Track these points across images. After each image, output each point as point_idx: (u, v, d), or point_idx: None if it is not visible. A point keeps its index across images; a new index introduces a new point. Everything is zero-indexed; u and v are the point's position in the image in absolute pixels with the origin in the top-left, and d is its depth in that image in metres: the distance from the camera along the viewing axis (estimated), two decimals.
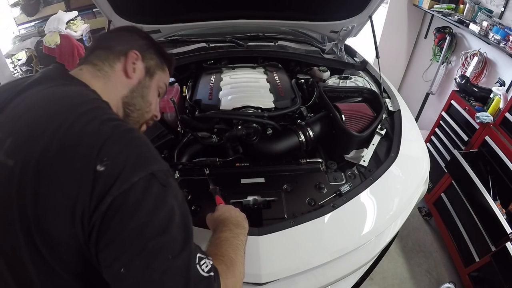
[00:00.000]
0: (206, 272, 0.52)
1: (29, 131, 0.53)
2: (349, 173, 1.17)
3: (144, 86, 0.77)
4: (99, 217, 0.49)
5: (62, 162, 0.50)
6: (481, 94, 2.12)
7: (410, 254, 2.16)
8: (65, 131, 0.52)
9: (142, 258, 0.48)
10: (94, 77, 0.69)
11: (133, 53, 0.74)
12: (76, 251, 0.52)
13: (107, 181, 0.49)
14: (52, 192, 0.50)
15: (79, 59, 0.82)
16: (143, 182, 0.51)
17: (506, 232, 1.55)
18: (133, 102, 0.75)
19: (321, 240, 0.97)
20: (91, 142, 0.51)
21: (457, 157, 1.93)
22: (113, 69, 0.72)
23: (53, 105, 0.57)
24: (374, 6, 1.56)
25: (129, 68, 0.73)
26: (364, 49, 2.13)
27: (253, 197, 1.06)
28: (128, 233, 0.49)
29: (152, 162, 0.54)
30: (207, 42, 2.01)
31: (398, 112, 1.44)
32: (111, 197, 0.48)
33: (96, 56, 0.73)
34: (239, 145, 1.29)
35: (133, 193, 0.50)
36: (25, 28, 4.53)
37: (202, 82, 1.59)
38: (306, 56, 1.85)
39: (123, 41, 0.77)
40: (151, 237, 0.50)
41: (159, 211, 0.51)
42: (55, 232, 0.50)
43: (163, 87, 0.85)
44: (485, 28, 2.23)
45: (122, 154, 0.51)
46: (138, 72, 0.75)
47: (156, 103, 0.83)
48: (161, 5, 1.50)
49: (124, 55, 0.74)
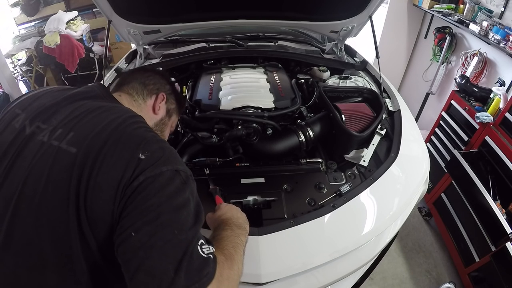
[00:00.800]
0: (206, 254, 0.59)
1: (91, 128, 0.67)
2: (349, 173, 1.17)
3: (164, 123, 0.95)
4: (130, 191, 0.60)
5: (116, 151, 0.64)
6: (481, 94, 2.12)
7: (410, 254, 2.16)
8: (121, 131, 0.67)
9: (152, 226, 0.57)
10: (131, 106, 0.85)
11: (162, 94, 0.92)
12: (108, 230, 0.61)
13: (144, 166, 0.62)
14: (103, 173, 0.61)
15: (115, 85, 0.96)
16: (170, 173, 0.63)
17: (506, 232, 1.55)
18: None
19: (321, 240, 0.97)
20: (138, 140, 0.66)
21: (457, 157, 1.93)
22: (145, 103, 0.89)
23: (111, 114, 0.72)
24: (374, 6, 1.56)
25: (157, 106, 0.91)
26: (364, 49, 2.13)
27: (253, 197, 1.06)
28: (147, 207, 0.58)
29: (179, 164, 0.67)
30: (207, 42, 2.01)
31: (398, 112, 1.44)
32: (144, 176, 0.61)
33: (132, 88, 0.89)
34: (239, 145, 1.29)
35: (161, 178, 0.62)
36: (25, 28, 4.53)
37: (202, 82, 1.59)
38: (306, 56, 1.85)
39: (156, 82, 0.94)
40: (165, 212, 0.59)
41: (177, 197, 0.62)
42: (97, 208, 0.60)
43: (173, 128, 1.03)
44: (485, 28, 2.23)
45: (158, 152, 0.65)
46: (162, 111, 0.93)
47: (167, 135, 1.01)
48: (161, 5, 1.50)
49: (155, 94, 0.91)
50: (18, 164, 0.64)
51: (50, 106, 0.72)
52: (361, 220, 1.04)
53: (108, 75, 1.72)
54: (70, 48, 3.89)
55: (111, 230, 0.60)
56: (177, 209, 0.60)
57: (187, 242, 0.57)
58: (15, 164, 0.65)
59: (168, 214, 0.59)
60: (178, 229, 0.58)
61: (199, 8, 1.55)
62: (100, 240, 0.61)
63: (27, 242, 0.61)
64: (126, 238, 0.57)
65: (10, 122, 0.70)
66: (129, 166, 0.61)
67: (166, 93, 0.94)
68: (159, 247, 0.55)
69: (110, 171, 0.61)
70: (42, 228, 0.60)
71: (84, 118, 0.70)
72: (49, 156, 0.64)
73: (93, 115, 0.71)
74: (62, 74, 4.33)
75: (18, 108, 0.74)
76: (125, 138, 0.66)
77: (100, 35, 4.73)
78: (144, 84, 0.91)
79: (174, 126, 1.03)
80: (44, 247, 0.60)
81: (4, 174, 0.64)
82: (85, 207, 0.60)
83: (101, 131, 0.66)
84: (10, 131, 0.69)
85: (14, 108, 0.74)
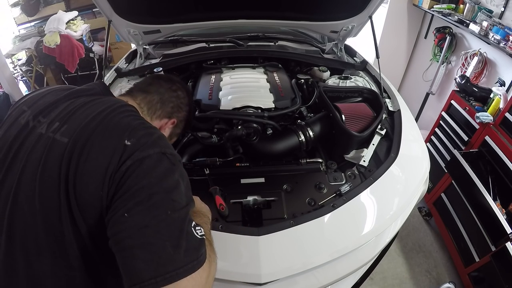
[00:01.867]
0: (199, 236, 0.61)
1: (82, 119, 0.70)
2: (349, 173, 1.17)
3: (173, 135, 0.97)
4: (119, 176, 0.61)
5: (102, 139, 0.66)
6: (481, 94, 2.12)
7: (410, 254, 2.16)
8: (109, 120, 0.70)
9: (145, 206, 0.58)
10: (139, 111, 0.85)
11: (174, 120, 0.93)
12: (98, 215, 0.62)
13: (131, 151, 0.63)
14: (91, 159, 0.63)
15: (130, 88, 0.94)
16: (157, 156, 0.65)
17: (506, 232, 1.55)
18: None
19: (321, 240, 0.97)
20: (124, 128, 0.68)
21: (457, 157, 1.93)
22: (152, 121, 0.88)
23: (101, 105, 0.74)
24: (374, 6, 1.56)
25: (165, 129, 0.92)
26: (364, 49, 2.13)
27: (253, 197, 1.06)
28: (138, 188, 0.60)
29: (167, 147, 0.68)
30: (207, 42, 2.01)
31: (398, 112, 1.44)
32: (131, 161, 0.62)
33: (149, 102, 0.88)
34: (239, 145, 1.29)
35: (148, 160, 0.63)
36: (25, 28, 4.53)
37: (202, 82, 1.59)
38: (306, 56, 1.85)
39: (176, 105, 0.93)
40: (157, 193, 0.60)
41: (167, 178, 0.63)
42: (87, 194, 0.62)
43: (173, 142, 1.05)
44: (485, 28, 2.23)
45: (145, 137, 0.67)
46: (166, 133, 0.93)
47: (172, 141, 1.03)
48: (161, 5, 1.50)
49: (169, 118, 0.92)
50: (19, 156, 0.68)
51: (52, 102, 0.76)
52: (361, 220, 1.04)
53: (108, 75, 1.72)
54: (70, 48, 3.89)
55: (101, 216, 0.62)
56: (168, 190, 0.61)
57: (180, 220, 0.59)
58: (17, 155, 0.68)
59: (159, 194, 0.60)
60: (171, 209, 0.59)
61: (199, 8, 1.55)
62: (91, 226, 0.63)
63: (24, 227, 0.63)
64: (118, 219, 0.58)
65: (17, 118, 0.74)
66: (115, 153, 0.63)
67: (179, 119, 0.94)
68: (154, 226, 0.56)
69: (97, 158, 0.63)
70: (37, 214, 0.63)
71: (77, 111, 0.73)
72: (45, 146, 0.67)
73: (86, 107, 0.74)
74: (62, 74, 4.32)
75: (25, 105, 0.78)
76: (112, 126, 0.69)
77: (100, 35, 4.73)
78: (164, 102, 0.90)
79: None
80: (39, 232, 0.62)
81: (7, 165, 0.68)
82: (74, 193, 0.62)
83: (90, 120, 0.69)
84: (16, 126, 0.73)
85: (22, 105, 0.78)
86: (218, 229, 0.92)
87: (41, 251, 0.63)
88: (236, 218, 1.01)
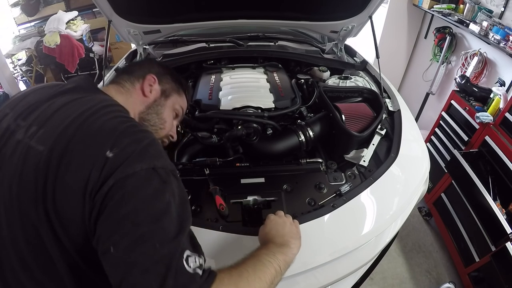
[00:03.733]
0: (192, 269, 0.53)
1: (59, 124, 0.62)
2: (349, 173, 1.17)
3: (159, 105, 0.89)
4: (100, 197, 0.54)
5: (82, 148, 0.58)
6: (481, 94, 2.12)
7: (410, 254, 2.16)
8: (89, 124, 0.61)
9: (131, 240, 0.52)
10: (118, 93, 0.82)
11: (150, 76, 0.88)
12: (83, 233, 0.57)
13: (113, 166, 0.55)
14: (70, 172, 0.56)
15: None
16: (145, 173, 0.56)
17: (506, 232, 1.55)
18: (148, 118, 0.86)
19: (321, 240, 0.97)
20: (108, 135, 0.60)
21: (457, 157, 1.93)
22: (134, 87, 0.85)
23: (83, 105, 0.66)
24: (374, 6, 1.56)
25: (146, 88, 0.86)
26: (364, 49, 2.13)
27: (253, 197, 1.06)
28: (122, 215, 0.53)
29: (157, 159, 0.59)
30: (207, 42, 2.01)
31: (398, 112, 1.44)
32: (113, 180, 0.54)
33: (121, 78, 0.87)
34: (239, 145, 1.28)
35: (134, 180, 0.55)
36: (25, 28, 4.53)
37: (202, 82, 1.59)
38: (306, 56, 1.85)
39: (144, 67, 0.91)
40: (143, 223, 0.53)
41: (155, 202, 0.55)
42: (68, 210, 0.56)
43: (179, 110, 0.96)
44: (485, 28, 2.23)
45: (130, 147, 0.58)
46: (154, 92, 0.88)
47: (172, 123, 0.94)
48: (161, 5, 1.50)
49: (142, 77, 0.87)
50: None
51: (33, 103, 0.70)
52: (361, 220, 1.04)
53: (108, 75, 1.72)
54: (70, 48, 3.89)
55: (86, 234, 0.57)
56: (157, 218, 0.54)
57: (169, 256, 0.52)
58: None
59: (147, 225, 0.53)
60: (159, 242, 0.52)
61: (199, 8, 1.55)
62: (78, 242, 0.57)
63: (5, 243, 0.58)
64: (105, 252, 0.53)
65: None
66: (95, 167, 0.55)
67: (156, 74, 0.89)
68: (141, 264, 0.51)
69: (76, 171, 0.56)
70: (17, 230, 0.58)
71: (55, 113, 0.66)
72: (21, 155, 0.60)
73: (65, 108, 0.66)
74: (62, 74, 4.33)
75: (8, 107, 0.72)
76: (94, 131, 0.60)
77: (100, 35, 4.73)
78: (132, 71, 0.89)
79: (180, 109, 0.97)
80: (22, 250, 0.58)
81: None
82: (54, 208, 0.56)
83: (69, 125, 0.61)
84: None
85: (5, 108, 0.72)
86: (218, 229, 0.92)
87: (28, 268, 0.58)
88: (236, 218, 1.01)
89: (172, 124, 0.95)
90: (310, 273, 0.95)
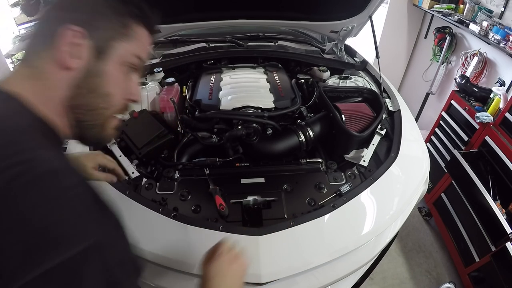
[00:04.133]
0: None
1: None
2: (349, 173, 1.17)
3: (94, 75, 0.52)
4: None
5: None
6: (481, 94, 2.12)
7: (410, 254, 2.16)
8: None
9: None
10: (25, 79, 0.49)
11: (67, 30, 0.48)
12: None
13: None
14: None
15: None
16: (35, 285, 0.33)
17: (506, 232, 1.55)
18: (81, 103, 0.52)
19: (321, 240, 0.97)
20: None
21: (457, 157, 1.93)
22: (46, 60, 0.49)
23: None
24: (374, 6, 1.56)
25: (64, 55, 0.49)
26: (364, 49, 2.13)
27: (253, 197, 1.06)
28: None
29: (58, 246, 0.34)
30: (207, 42, 2.01)
31: (398, 112, 1.44)
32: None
33: (29, 51, 0.52)
34: (239, 145, 1.28)
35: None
36: (25, 28, 4.52)
37: (202, 82, 1.59)
38: (306, 56, 1.85)
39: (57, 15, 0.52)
40: None
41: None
42: None
43: (135, 61, 0.57)
44: (485, 28, 2.23)
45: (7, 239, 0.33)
46: (81, 56, 0.50)
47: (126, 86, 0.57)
48: (161, 5, 1.50)
49: (55, 37, 0.49)
50: None
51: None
52: (361, 220, 1.04)
53: None
54: None
55: None
56: None
57: None
58: None
59: None
60: None
61: (199, 8, 1.55)
62: None
63: None
64: None
65: None
66: None
67: (82, 21, 0.50)
68: None
69: None
70: None
71: None
72: None
73: None
74: None
75: None
76: None
77: None
78: (37, 35, 0.52)
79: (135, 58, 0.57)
80: None
81: None
82: None
83: None
84: None
85: None
86: (218, 229, 0.92)
87: None
88: (236, 218, 1.01)
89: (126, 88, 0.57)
90: (310, 273, 0.96)
